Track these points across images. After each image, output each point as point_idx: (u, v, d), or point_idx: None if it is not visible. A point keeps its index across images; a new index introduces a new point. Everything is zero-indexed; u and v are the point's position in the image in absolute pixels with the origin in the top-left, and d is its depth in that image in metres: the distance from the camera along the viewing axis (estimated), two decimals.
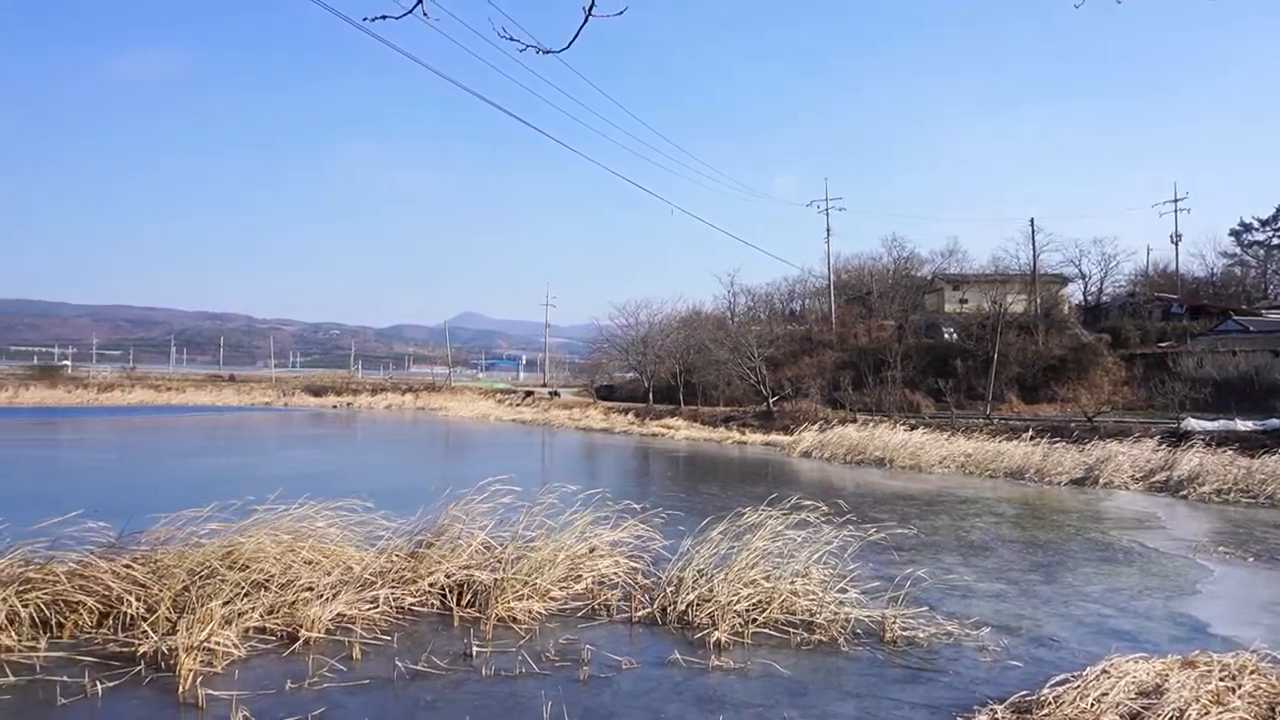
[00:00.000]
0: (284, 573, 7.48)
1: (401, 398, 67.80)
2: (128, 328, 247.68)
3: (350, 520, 8.77)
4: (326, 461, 25.76)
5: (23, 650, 6.28)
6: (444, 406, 59.67)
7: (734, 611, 7.39)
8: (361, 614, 7.18)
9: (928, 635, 7.27)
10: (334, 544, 8.20)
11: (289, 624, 6.90)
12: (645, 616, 7.70)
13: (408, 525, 9.09)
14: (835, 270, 57.18)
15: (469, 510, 9.14)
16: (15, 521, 7.47)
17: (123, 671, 5.98)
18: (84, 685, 5.70)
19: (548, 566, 8.11)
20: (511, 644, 6.82)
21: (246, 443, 34.67)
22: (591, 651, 6.63)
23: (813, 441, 28.12)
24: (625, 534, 9.64)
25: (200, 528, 8.15)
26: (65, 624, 6.81)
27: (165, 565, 7.40)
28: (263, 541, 7.74)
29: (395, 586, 7.71)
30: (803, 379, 42.09)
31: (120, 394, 65.43)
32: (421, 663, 6.26)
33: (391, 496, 9.93)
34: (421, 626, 7.29)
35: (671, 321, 53.40)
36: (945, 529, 13.48)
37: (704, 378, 45.07)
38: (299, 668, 6.15)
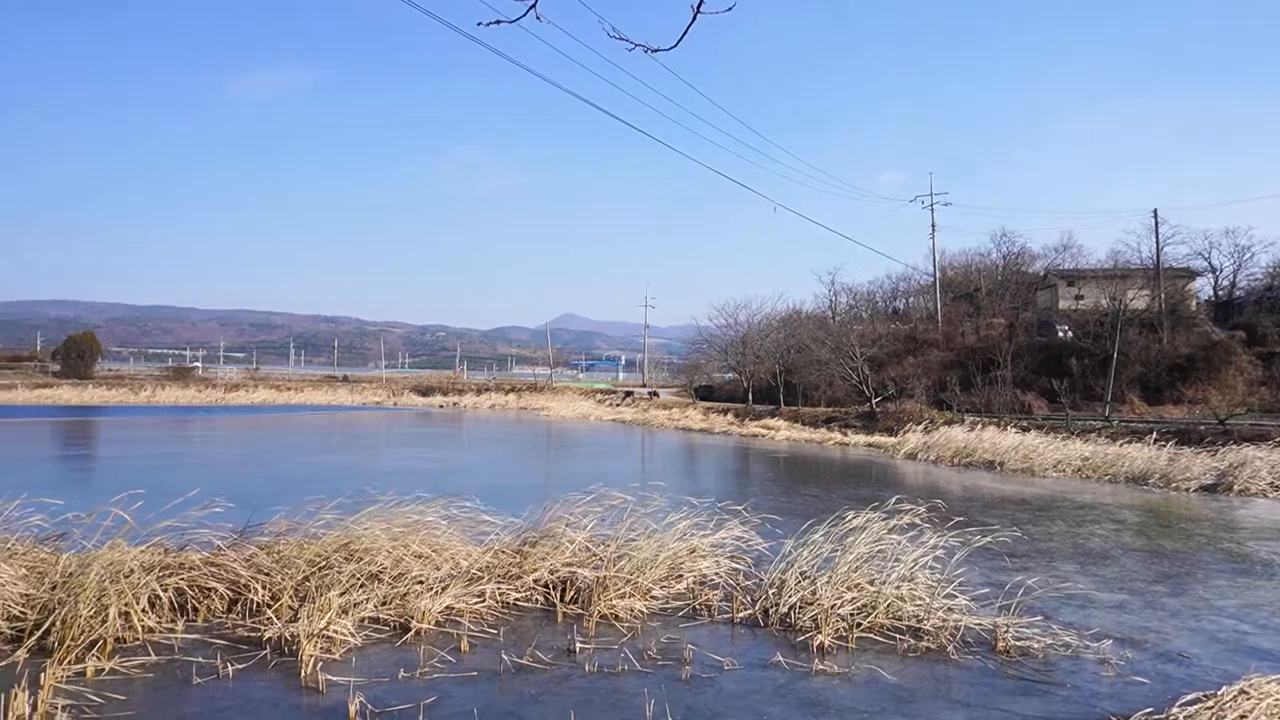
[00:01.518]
0: (396, 565, 7.76)
1: (505, 398, 69.39)
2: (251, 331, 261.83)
3: (458, 516, 9.04)
4: (434, 459, 26.60)
5: (163, 631, 6.72)
6: (545, 406, 60.74)
7: (838, 615, 7.26)
8: (469, 607, 7.39)
9: (1043, 646, 6.97)
10: (443, 539, 8.46)
11: (401, 615, 7.16)
12: (747, 618, 7.65)
13: (513, 522, 9.32)
14: (941, 267, 55.45)
15: (571, 509, 9.30)
16: (156, 512, 7.99)
17: (250, 655, 6.33)
18: (216, 666, 6.07)
19: (649, 566, 8.16)
20: (614, 641, 6.89)
21: (360, 440, 36.13)
22: (693, 651, 6.63)
23: (918, 443, 27.36)
24: (726, 535, 9.60)
25: (318, 520, 8.56)
26: (199, 608, 7.25)
27: (287, 555, 7.79)
28: (377, 535, 8.05)
29: (501, 582, 7.90)
30: (907, 379, 40.96)
31: (244, 393, 69.26)
32: (526, 657, 6.40)
33: (496, 494, 10.19)
34: (526, 621, 7.45)
35: (771, 321, 52.86)
36: (1061, 535, 12.89)
37: (804, 378, 44.44)
38: (411, 657, 6.38)
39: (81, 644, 6.15)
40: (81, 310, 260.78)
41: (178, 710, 5.37)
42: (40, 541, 7.74)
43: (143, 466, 23.74)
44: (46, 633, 6.29)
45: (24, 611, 6.59)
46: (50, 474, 21.47)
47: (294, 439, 35.88)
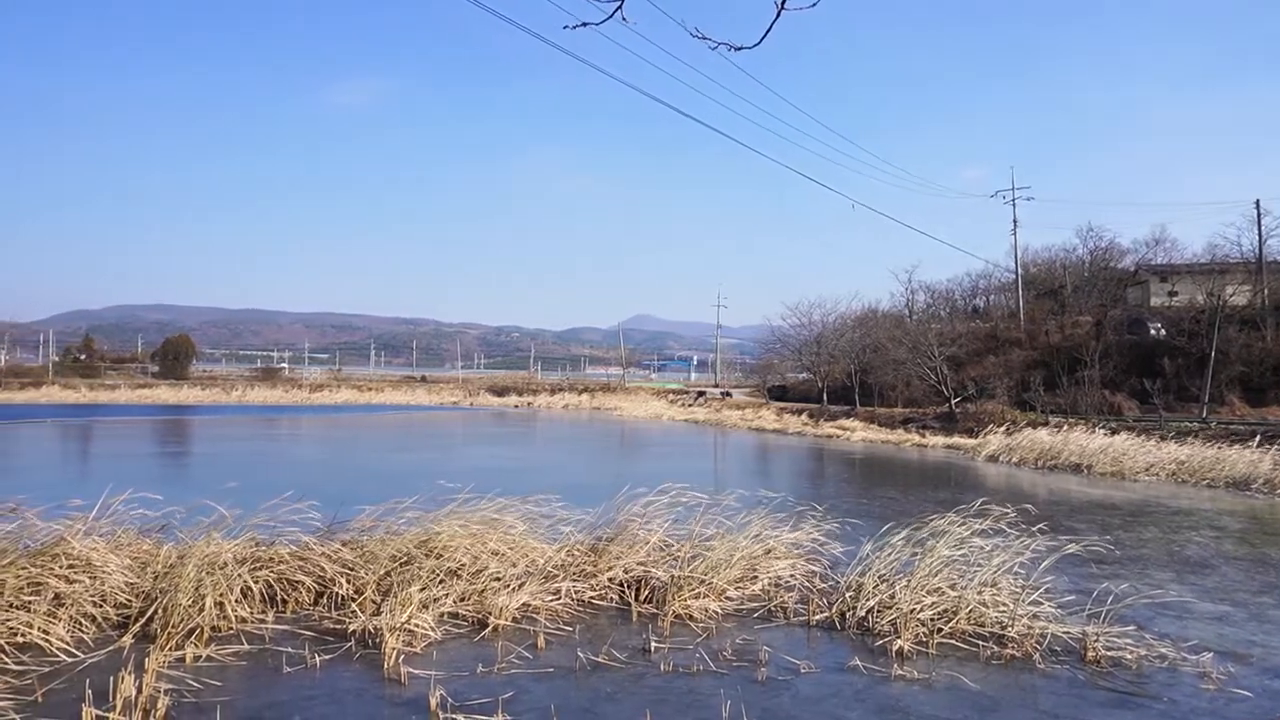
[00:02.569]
0: (474, 562, 7.92)
1: (578, 398, 70.02)
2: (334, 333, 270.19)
3: (534, 514, 9.17)
4: (509, 458, 27.02)
5: (254, 622, 7.00)
6: (618, 406, 61.08)
7: (917, 620, 7.11)
8: (545, 605, 7.49)
9: (1136, 657, 6.70)
10: (519, 536, 8.59)
11: (479, 611, 7.30)
12: (823, 621, 7.56)
13: (588, 520, 9.40)
14: (1023, 263, 53.75)
15: (646, 509, 9.33)
16: (248, 507, 8.33)
17: (336, 646, 6.54)
18: (304, 657, 6.29)
19: (724, 566, 8.13)
20: (689, 641, 6.89)
21: (438, 439, 36.94)
22: (769, 653, 6.58)
23: (1000, 445, 26.58)
24: (801, 536, 9.51)
25: (399, 517, 8.78)
26: (288, 600, 7.53)
27: (370, 551, 8.03)
28: (455, 532, 8.22)
29: (577, 580, 7.98)
30: (988, 379, 39.82)
31: (328, 393, 71.53)
32: (602, 655, 6.45)
33: (570, 492, 10.28)
34: (601, 620, 7.51)
35: (846, 320, 52.06)
36: (1154, 542, 12.35)
37: (880, 378, 43.63)
38: (489, 653, 6.50)
39: (181, 631, 6.45)
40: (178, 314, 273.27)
41: (269, 698, 5.58)
42: (144, 534, 8.15)
43: (236, 464, 24.75)
44: (150, 620, 6.62)
45: (129, 599, 6.94)
46: (152, 470, 22.56)
47: (375, 438, 36.89)
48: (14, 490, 9.08)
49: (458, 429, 42.99)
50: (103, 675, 5.53)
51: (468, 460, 26.83)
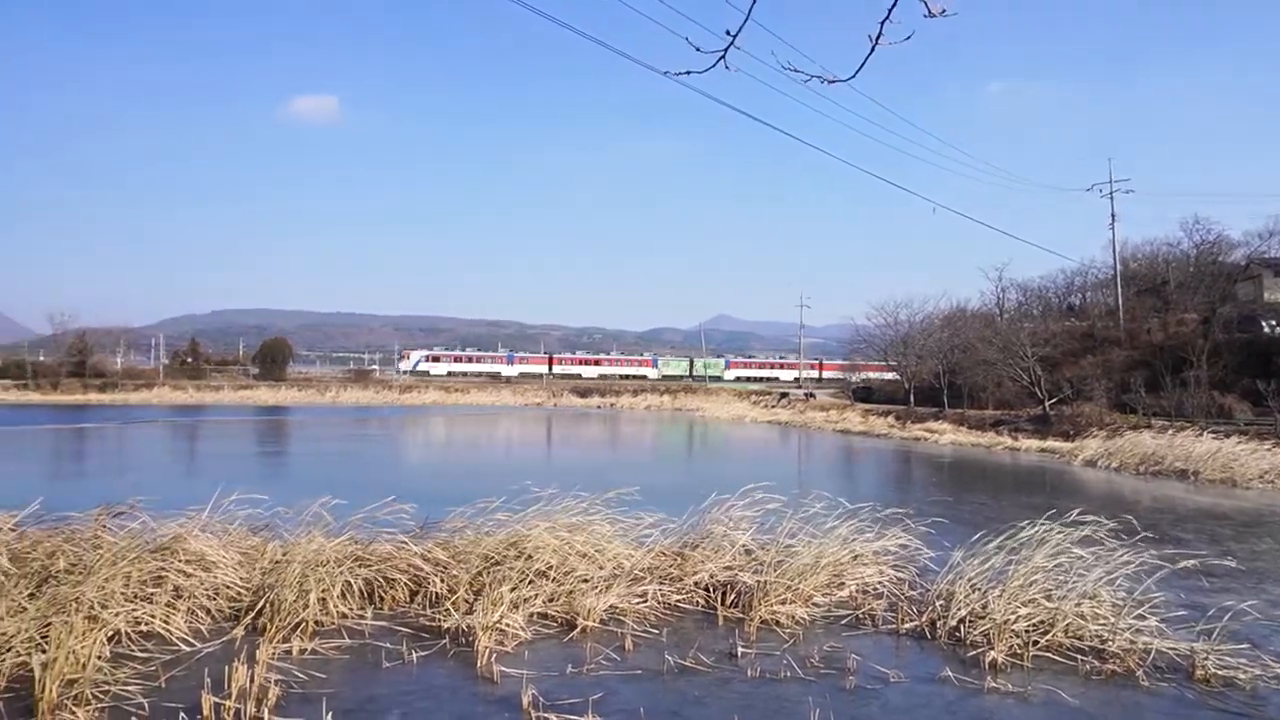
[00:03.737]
0: (562, 563, 8.06)
1: (660, 399, 70.23)
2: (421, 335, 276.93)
3: (619, 516, 9.28)
4: (594, 459, 27.33)
5: (354, 618, 7.30)
6: (700, 408, 61.00)
7: (1011, 631, 6.93)
8: (632, 607, 7.58)
9: (1250, 676, 6.37)
10: (605, 539, 8.71)
11: (567, 612, 7.43)
12: (913, 629, 7.44)
13: (672, 524, 9.45)
14: (1122, 259, 51.40)
15: (730, 513, 9.34)
16: (346, 506, 8.68)
17: (430, 643, 6.77)
18: (401, 652, 6.53)
19: (810, 572, 8.08)
20: (775, 647, 6.88)
21: (523, 440, 37.60)
22: (857, 661, 6.52)
23: (1098, 449, 25.54)
24: (888, 542, 9.35)
25: (489, 518, 9.01)
26: (385, 598, 7.82)
27: (462, 550, 8.27)
28: (543, 534, 8.39)
29: (663, 583, 8.05)
30: (1085, 380, 38.24)
31: (416, 394, 73.57)
32: (689, 659, 6.49)
33: (654, 494, 10.35)
34: (687, 623, 7.56)
35: (934, 320, 50.78)
36: (1271, 554, 11.70)
37: (970, 379, 42.39)
38: (577, 653, 6.62)
39: (288, 625, 6.77)
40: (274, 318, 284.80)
41: (369, 691, 5.82)
42: (252, 531, 8.58)
43: (334, 463, 25.75)
44: (259, 613, 6.97)
45: (240, 593, 7.33)
46: (257, 469, 23.65)
47: (462, 438, 37.79)
48: (134, 489, 9.68)
49: (541, 429, 43.66)
50: (218, 664, 5.85)
51: (551, 461, 27.26)
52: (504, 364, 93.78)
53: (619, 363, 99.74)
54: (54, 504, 8.69)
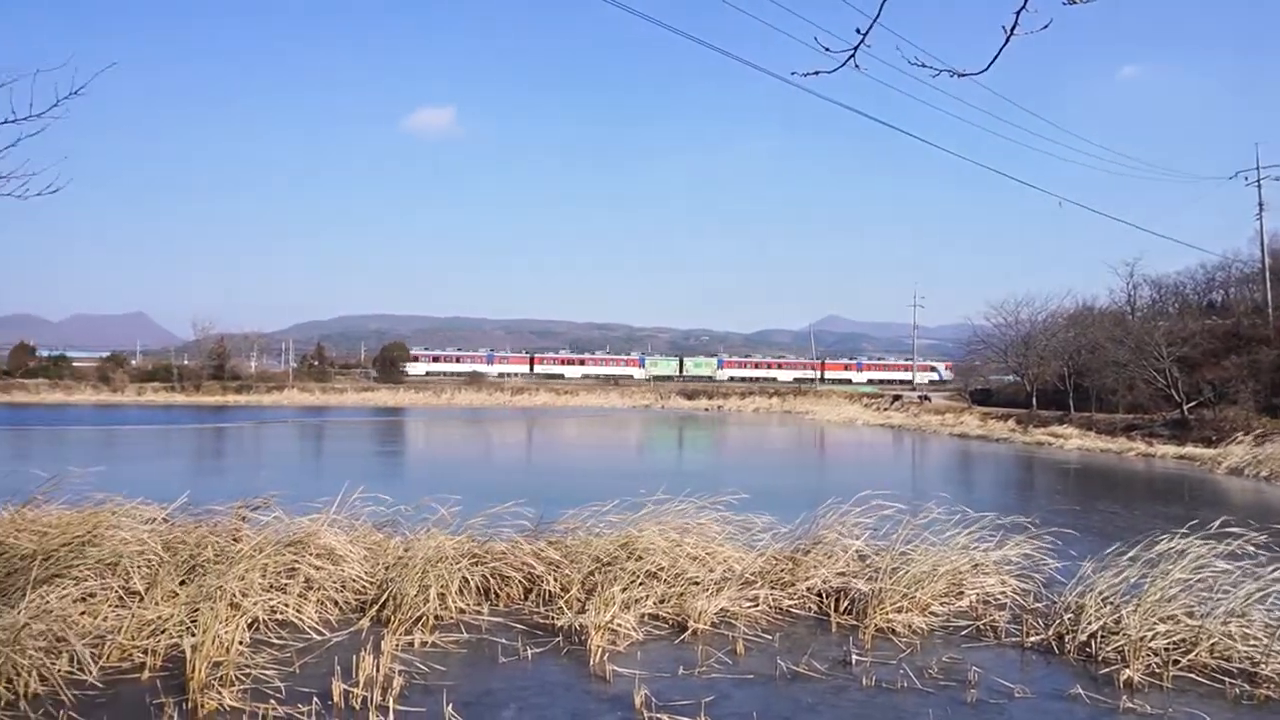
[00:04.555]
0: (673, 565, 8.09)
1: (768, 401, 69.63)
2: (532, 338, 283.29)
3: (729, 518, 9.24)
4: (701, 461, 27.32)
5: (471, 613, 7.51)
6: (810, 410, 60.12)
7: (1149, 649, 6.52)
8: (743, 611, 7.52)
9: None
10: (715, 542, 8.68)
11: (678, 614, 7.44)
12: (1038, 643, 7.10)
13: (782, 527, 9.34)
14: (1271, 252, 47.68)
15: (842, 517, 9.15)
16: (464, 505, 8.97)
17: (545, 640, 6.90)
18: (517, 648, 6.68)
19: (927, 580, 7.83)
20: (891, 656, 6.70)
21: (631, 441, 37.94)
22: (979, 674, 6.27)
23: (1244, 456, 23.78)
24: (1011, 551, 8.96)
25: (600, 519, 9.13)
26: (500, 595, 8.03)
27: (574, 550, 8.40)
28: (653, 536, 8.43)
29: (775, 588, 7.96)
30: (1228, 382, 35.65)
31: (528, 397, 75.34)
32: (802, 665, 6.40)
33: (764, 497, 10.26)
34: (800, 629, 7.45)
35: (1057, 319, 48.47)
36: None
37: (1098, 381, 40.21)
38: (689, 655, 6.62)
39: (410, 618, 7.04)
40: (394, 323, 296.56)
41: (487, 685, 5.98)
42: (377, 527, 8.97)
43: (451, 462, 26.67)
44: (383, 606, 7.28)
45: (365, 586, 7.67)
46: (379, 467, 24.74)
47: (573, 439, 38.45)
48: (268, 485, 10.25)
49: (650, 431, 43.92)
50: (346, 653, 6.13)
51: (660, 462, 27.39)
52: (483, 363, 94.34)
53: (604, 362, 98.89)
54: (199, 498, 9.32)
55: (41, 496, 8.88)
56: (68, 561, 7.03)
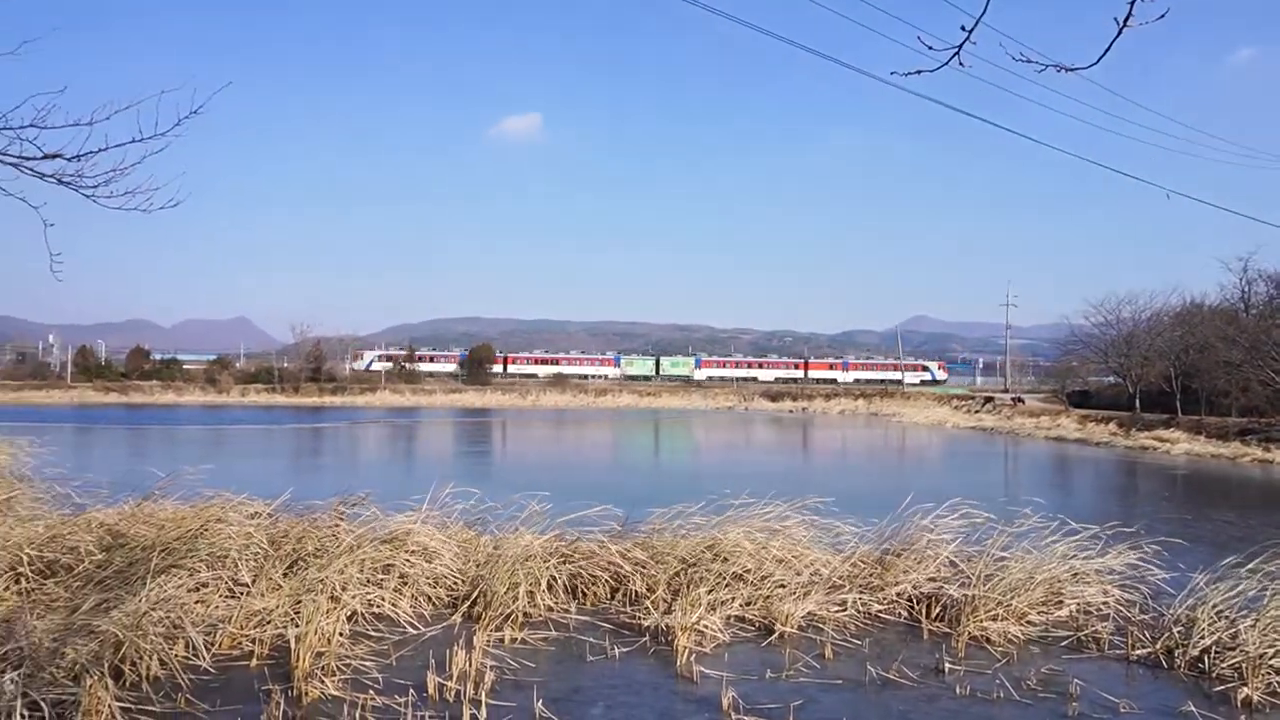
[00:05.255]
0: (759, 568, 8.04)
1: (855, 403, 68.47)
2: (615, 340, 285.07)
3: (815, 521, 9.12)
4: (785, 463, 27.04)
5: (559, 611, 7.63)
6: (898, 412, 58.82)
7: (1270, 666, 6.16)
8: (831, 615, 7.42)
9: None
10: (801, 545, 8.59)
11: (765, 616, 7.40)
12: (1145, 656, 6.79)
13: (869, 531, 9.18)
14: None
15: (932, 521, 8.93)
16: (551, 504, 9.10)
17: (631, 640, 6.95)
18: (604, 647, 6.75)
19: (1024, 588, 7.57)
20: (986, 665, 6.51)
21: (715, 443, 37.82)
22: (1080, 686, 6.03)
23: None
24: (1113, 560, 8.58)
25: (686, 520, 9.13)
26: (588, 594, 8.12)
27: (660, 551, 8.42)
28: (739, 538, 8.40)
29: (863, 592, 7.83)
30: None
31: (611, 398, 75.92)
32: (892, 671, 6.28)
33: (850, 500, 10.10)
34: (889, 635, 7.31)
35: (1163, 318, 46.13)
36: None
37: (1208, 382, 38.13)
38: (776, 658, 6.57)
39: (499, 615, 7.19)
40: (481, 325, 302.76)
41: (575, 683, 6.07)
42: (467, 525, 9.19)
43: (537, 463, 27.11)
44: (474, 602, 7.46)
45: (457, 583, 7.87)
46: (468, 466, 25.33)
47: (656, 440, 38.57)
48: (364, 484, 10.61)
49: (734, 433, 43.72)
50: (439, 647, 6.31)
51: (744, 464, 27.23)
52: (456, 364, 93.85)
53: (577, 362, 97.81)
54: (300, 494, 9.72)
55: (158, 492, 9.42)
56: (182, 553, 7.43)
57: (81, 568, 7.46)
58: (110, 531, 8.21)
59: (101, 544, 7.87)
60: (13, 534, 7.88)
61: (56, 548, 7.80)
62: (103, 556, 7.58)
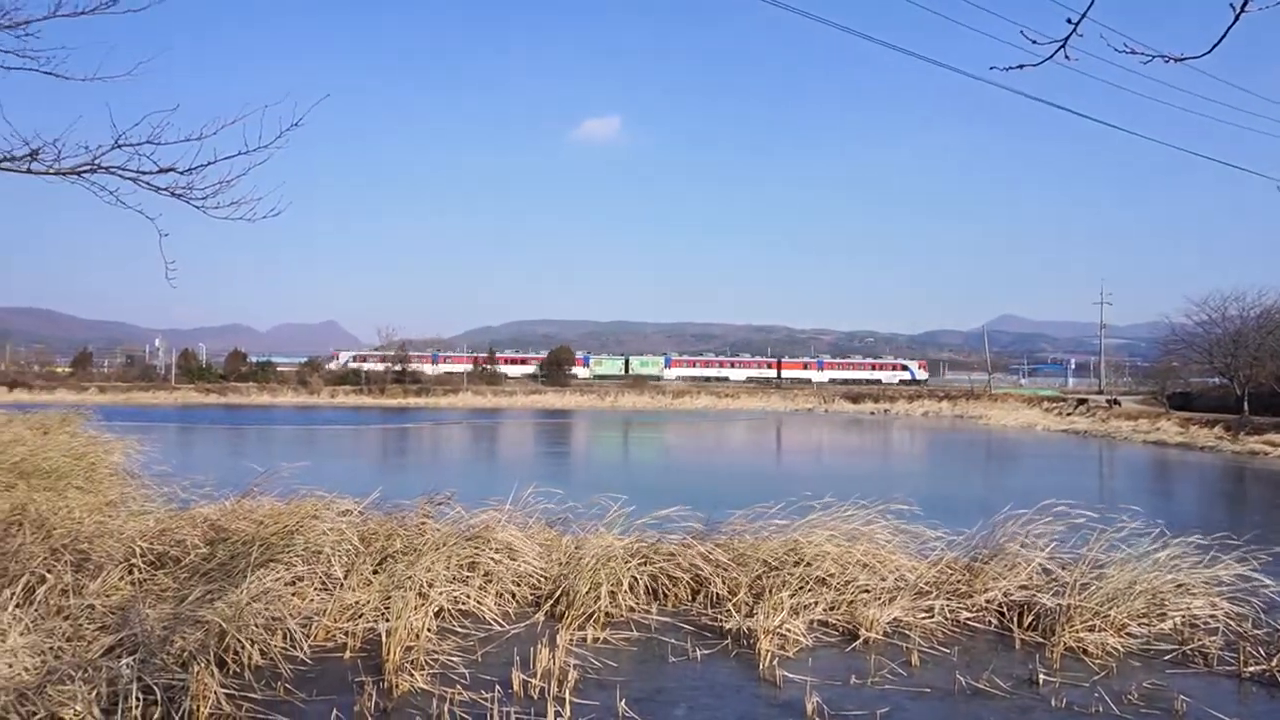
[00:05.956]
0: (842, 572, 7.90)
1: (938, 404, 66.78)
2: (691, 341, 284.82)
3: (900, 525, 8.92)
4: (868, 465, 26.54)
5: (640, 612, 7.65)
6: (984, 414, 57.10)
7: None
8: (917, 622, 7.25)
9: None
10: (886, 549, 8.42)
11: (849, 621, 7.27)
12: (1259, 673, 6.42)
13: (956, 536, 8.92)
14: None
15: (1024, 527, 8.62)
16: (632, 505, 9.14)
17: (713, 642, 6.93)
18: (686, 649, 6.74)
19: (1123, 598, 7.25)
20: (1084, 677, 6.25)
21: (795, 445, 37.39)
22: (1187, 704, 5.74)
23: None
24: (1222, 571, 8.13)
25: (767, 522, 9.05)
26: (668, 595, 8.12)
27: (742, 553, 8.36)
28: (822, 541, 8.28)
29: (950, 598, 7.62)
30: None
31: (689, 400, 75.83)
32: (982, 681, 6.09)
33: (935, 504, 9.85)
34: (979, 643, 7.10)
35: (1274, 315, 43.57)
36: None
37: None
38: (860, 665, 6.45)
39: (582, 615, 7.26)
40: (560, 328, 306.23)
41: (658, 684, 6.08)
42: (549, 524, 9.31)
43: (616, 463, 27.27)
44: (556, 601, 7.55)
45: (540, 581, 7.98)
46: (549, 466, 25.66)
47: (735, 442, 38.35)
48: (447, 482, 10.84)
49: (814, 435, 43.16)
50: (524, 645, 6.41)
51: (825, 466, 26.85)
52: (429, 363, 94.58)
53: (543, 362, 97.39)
54: (388, 493, 10.00)
55: (256, 489, 9.83)
56: (279, 548, 7.73)
57: (187, 560, 7.84)
58: (213, 526, 8.62)
59: (205, 538, 8.26)
60: (126, 527, 8.34)
61: (165, 541, 8.22)
62: (207, 550, 7.95)
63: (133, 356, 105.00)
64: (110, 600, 6.92)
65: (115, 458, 14.19)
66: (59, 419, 18.18)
